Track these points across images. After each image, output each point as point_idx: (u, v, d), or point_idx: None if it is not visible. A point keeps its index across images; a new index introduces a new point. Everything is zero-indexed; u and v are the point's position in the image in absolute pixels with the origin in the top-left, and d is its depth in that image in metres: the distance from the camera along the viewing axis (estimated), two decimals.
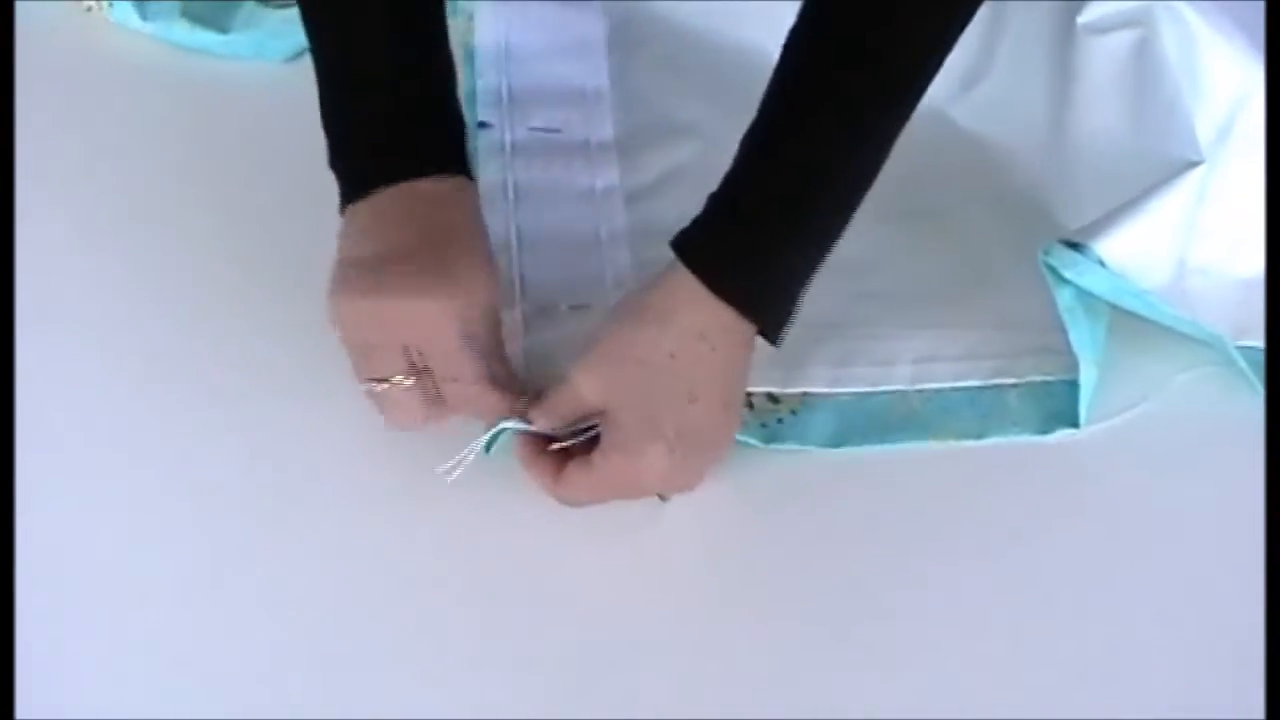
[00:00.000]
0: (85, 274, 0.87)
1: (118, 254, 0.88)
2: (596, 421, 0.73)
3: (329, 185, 0.89)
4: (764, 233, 0.72)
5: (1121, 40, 0.87)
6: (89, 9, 1.00)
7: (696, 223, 0.73)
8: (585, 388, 0.72)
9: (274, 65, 0.99)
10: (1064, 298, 0.80)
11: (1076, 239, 0.80)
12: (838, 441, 0.80)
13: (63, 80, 0.97)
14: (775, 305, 0.73)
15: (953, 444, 0.81)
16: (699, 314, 0.71)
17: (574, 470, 0.73)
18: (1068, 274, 0.80)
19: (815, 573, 0.76)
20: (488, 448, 0.75)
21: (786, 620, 0.74)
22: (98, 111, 0.96)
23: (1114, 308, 0.82)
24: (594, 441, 0.73)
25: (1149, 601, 0.75)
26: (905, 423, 0.81)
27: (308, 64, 0.96)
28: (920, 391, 0.83)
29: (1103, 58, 0.88)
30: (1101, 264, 0.80)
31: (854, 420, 0.81)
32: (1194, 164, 0.82)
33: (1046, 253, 0.80)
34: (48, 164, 0.91)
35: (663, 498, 0.76)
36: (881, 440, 0.81)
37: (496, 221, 0.86)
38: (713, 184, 0.88)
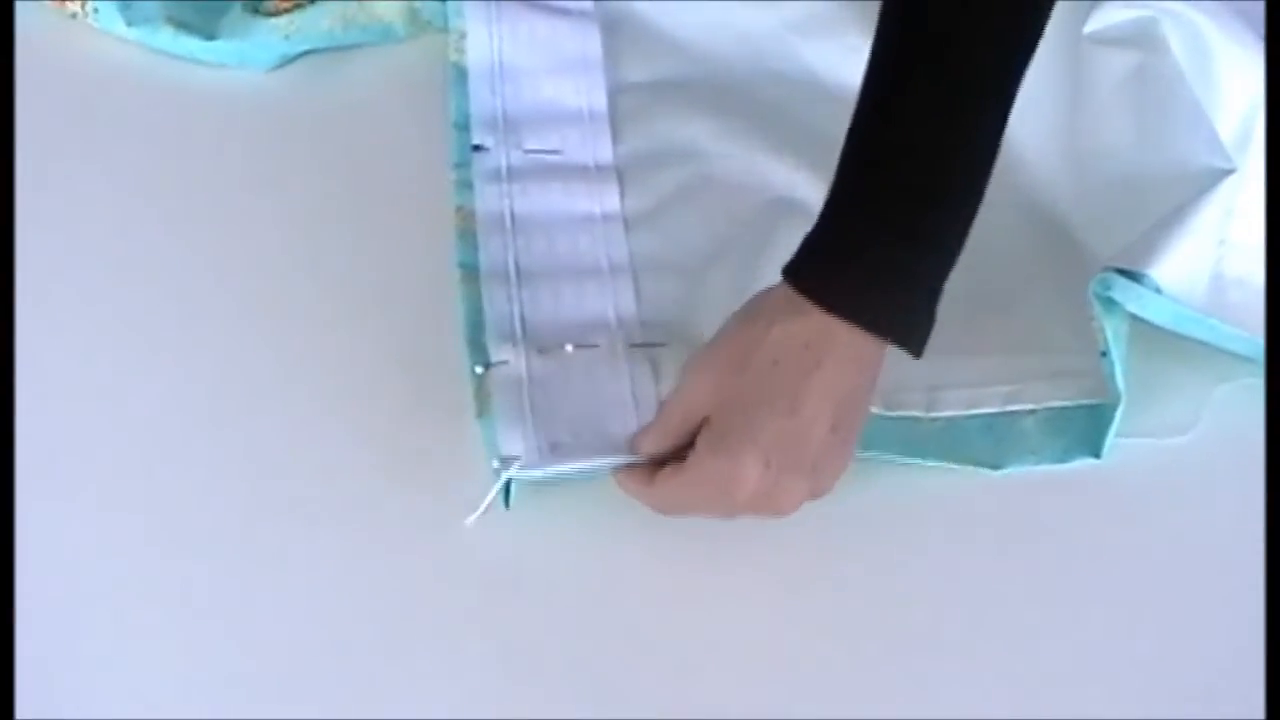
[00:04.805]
0: (74, 276, 0.86)
1: (102, 259, 0.87)
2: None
3: (308, 193, 0.91)
4: (861, 233, 0.69)
5: (1127, 58, 0.86)
6: (74, 15, 0.98)
7: (804, 240, 0.71)
8: (698, 388, 0.71)
9: (258, 74, 0.98)
10: (1117, 329, 0.77)
11: (1124, 265, 0.78)
12: (863, 446, 0.75)
13: (47, 86, 0.95)
14: (882, 308, 0.69)
15: (970, 471, 0.79)
16: (799, 323, 0.69)
17: (668, 472, 0.71)
18: (1132, 307, 0.77)
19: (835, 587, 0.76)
20: (506, 500, 0.75)
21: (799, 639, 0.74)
22: (81, 116, 0.95)
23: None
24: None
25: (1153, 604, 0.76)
26: (925, 442, 0.79)
27: (290, 74, 0.98)
28: (934, 419, 0.80)
29: (1109, 74, 0.86)
30: (1159, 291, 0.77)
31: (876, 432, 0.77)
32: (1224, 172, 0.81)
33: (1105, 285, 0.77)
34: (34, 168, 0.90)
35: None
36: (905, 452, 0.78)
37: (496, 251, 0.84)
38: (715, 204, 0.88)
